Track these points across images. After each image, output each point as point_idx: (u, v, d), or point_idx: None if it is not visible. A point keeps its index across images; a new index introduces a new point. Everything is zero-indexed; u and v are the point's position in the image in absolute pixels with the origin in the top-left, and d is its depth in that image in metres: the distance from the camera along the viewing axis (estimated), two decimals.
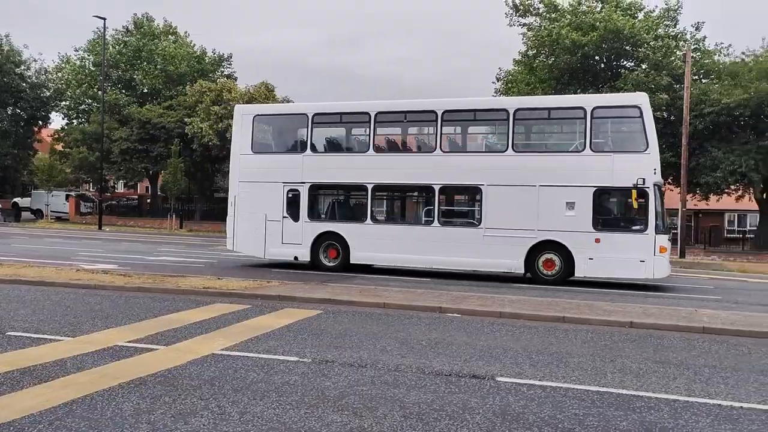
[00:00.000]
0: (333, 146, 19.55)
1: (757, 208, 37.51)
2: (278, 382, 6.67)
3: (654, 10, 37.20)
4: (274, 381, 6.70)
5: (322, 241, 18.22)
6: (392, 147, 19.15)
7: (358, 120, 18.83)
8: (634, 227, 15.83)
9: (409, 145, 19.87)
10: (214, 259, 21.58)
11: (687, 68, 29.16)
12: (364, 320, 10.46)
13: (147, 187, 59.06)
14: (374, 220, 18.03)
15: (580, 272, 16.12)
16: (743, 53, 35.33)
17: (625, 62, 36.69)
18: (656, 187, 15.59)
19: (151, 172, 50.02)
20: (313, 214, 18.50)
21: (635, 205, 15.43)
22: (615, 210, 16.77)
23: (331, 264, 18.13)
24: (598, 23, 34.25)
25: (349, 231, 18.04)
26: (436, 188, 17.25)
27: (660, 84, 32.51)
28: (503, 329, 9.94)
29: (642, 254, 15.48)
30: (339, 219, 18.53)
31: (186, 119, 43.47)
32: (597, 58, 36.55)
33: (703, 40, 36.91)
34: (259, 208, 18.49)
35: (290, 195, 18.47)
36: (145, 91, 52.18)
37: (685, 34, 36.75)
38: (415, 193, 18.68)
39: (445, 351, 8.32)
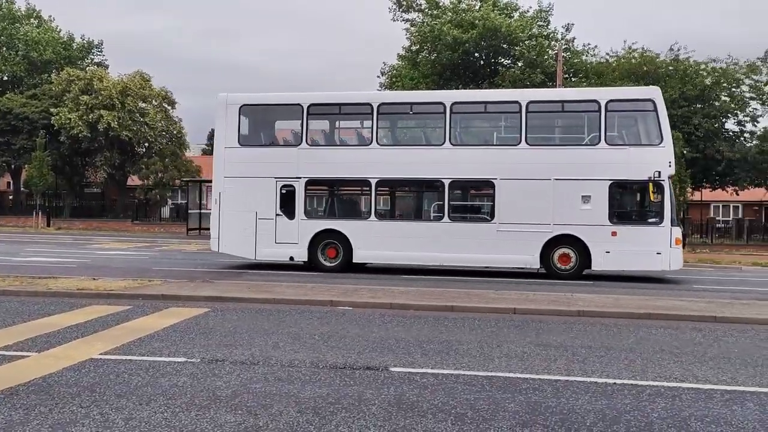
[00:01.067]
0: (332, 139, 18.64)
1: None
2: (165, 384, 6.37)
3: (528, 11, 39.08)
4: (161, 384, 6.39)
5: (320, 240, 17.20)
6: (397, 140, 18.48)
7: (359, 111, 17.93)
8: (650, 220, 15.99)
9: (415, 138, 19.20)
10: (87, 259, 20.30)
11: (559, 67, 30.83)
12: (254, 317, 10.23)
13: (9, 183, 54.65)
14: (379, 216, 17.27)
15: (597, 266, 16.07)
16: (607, 54, 37.90)
17: (502, 60, 38.26)
18: (670, 180, 15.90)
19: (13, 166, 46.38)
20: (311, 211, 17.63)
21: (652, 198, 15.56)
22: (631, 203, 16.91)
23: (331, 264, 17.19)
24: (477, 21, 35.45)
25: (352, 229, 17.12)
26: (446, 182, 16.65)
27: (535, 81, 34.17)
28: (395, 320, 10.07)
29: (659, 246, 15.63)
30: (339, 216, 17.66)
31: (52, 109, 40.64)
32: (477, 54, 37.83)
33: (573, 41, 39.20)
34: (249, 205, 17.21)
35: (284, 191, 17.32)
36: (5, 78, 48.29)
37: (557, 33, 38.87)
38: (423, 188, 17.83)
39: (338, 344, 8.31)
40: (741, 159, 32.92)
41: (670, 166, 15.73)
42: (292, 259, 17.32)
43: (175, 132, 43.22)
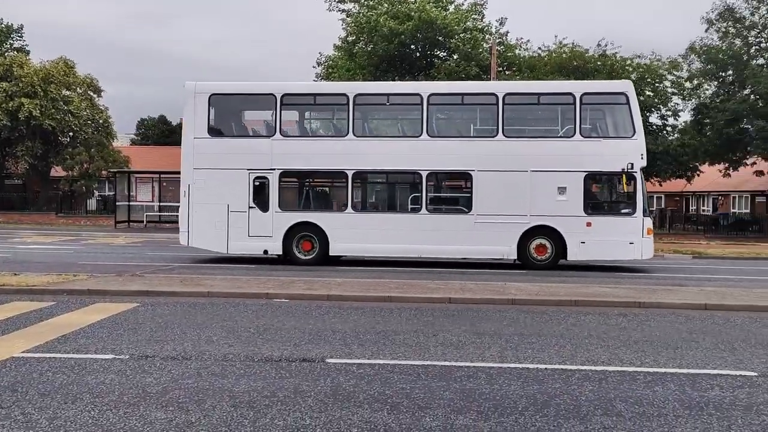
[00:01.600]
0: (306, 130, 18.10)
1: None
2: (92, 382, 6.15)
3: (463, 3, 39.48)
4: (88, 382, 6.16)
5: (295, 232, 16.80)
6: (374, 131, 18.10)
7: (335, 102, 17.57)
8: (623, 211, 16.29)
9: (392, 129, 18.83)
10: (8, 253, 19.36)
11: (493, 60, 31.34)
12: (186, 311, 10.00)
13: None
14: (356, 208, 16.99)
15: (572, 256, 16.28)
16: (539, 48, 38.74)
17: (438, 52, 38.55)
18: (642, 171, 16.20)
19: None
20: (285, 204, 17.09)
21: (625, 189, 15.86)
22: (605, 194, 17.14)
23: (307, 257, 16.79)
24: (413, 13, 35.56)
25: (328, 221, 16.81)
26: (424, 174, 16.57)
27: (470, 74, 34.59)
28: (331, 312, 10.04)
29: (631, 236, 15.97)
30: (315, 208, 17.33)
31: None
32: (413, 47, 37.97)
33: (506, 35, 39.86)
34: (220, 197, 16.65)
35: (257, 183, 16.83)
36: None
37: (491, 27, 39.46)
38: (400, 180, 17.64)
39: (274, 337, 8.22)
40: (663, 152, 34.31)
41: (642, 158, 16.10)
42: (266, 252, 16.99)
43: (101, 121, 41.54)
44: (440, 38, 37.03)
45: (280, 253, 16.98)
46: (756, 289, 12.91)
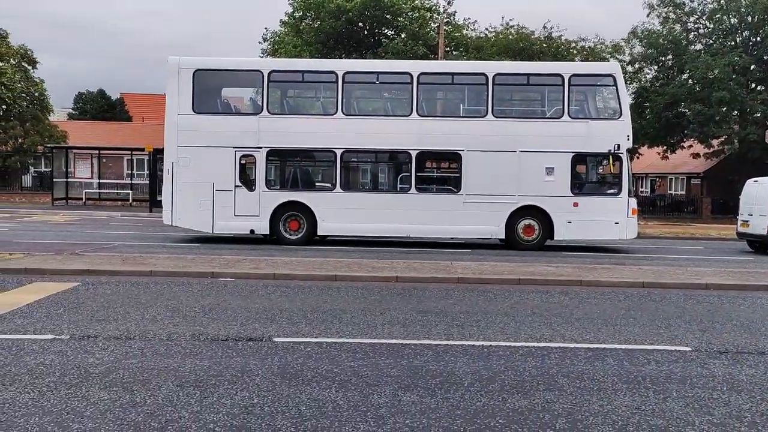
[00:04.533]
0: (294, 107, 17.72)
1: None
2: (31, 363, 5.96)
3: None
4: (27, 363, 5.98)
5: (283, 212, 16.52)
6: (363, 109, 17.83)
7: (323, 80, 17.22)
8: (609, 191, 16.57)
9: (382, 108, 18.55)
10: None
11: (440, 40, 31.38)
12: (129, 290, 9.77)
13: None
14: (344, 188, 16.70)
15: (559, 236, 16.42)
16: (486, 29, 39.05)
17: (386, 30, 38.39)
18: (628, 153, 16.40)
19: None
20: (272, 183, 16.81)
21: (612, 170, 16.01)
22: (591, 175, 17.23)
23: (294, 237, 16.54)
24: None
25: (316, 200, 16.56)
26: (413, 154, 16.49)
27: (417, 54, 34.62)
28: (278, 291, 9.98)
29: (617, 216, 16.26)
30: (303, 188, 17.01)
31: None
32: (361, 24, 37.72)
33: (454, 15, 40.00)
34: (205, 176, 16.22)
35: (244, 161, 16.48)
36: None
37: (438, 7, 39.48)
38: (390, 159, 17.49)
39: (220, 316, 8.12)
40: None
41: (628, 139, 16.42)
42: (252, 232, 16.73)
43: (36, 94, 39.81)
44: (388, 16, 36.90)
45: (267, 232, 16.79)
46: (690, 268, 13.48)
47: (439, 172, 17.84)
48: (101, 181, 35.76)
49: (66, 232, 19.42)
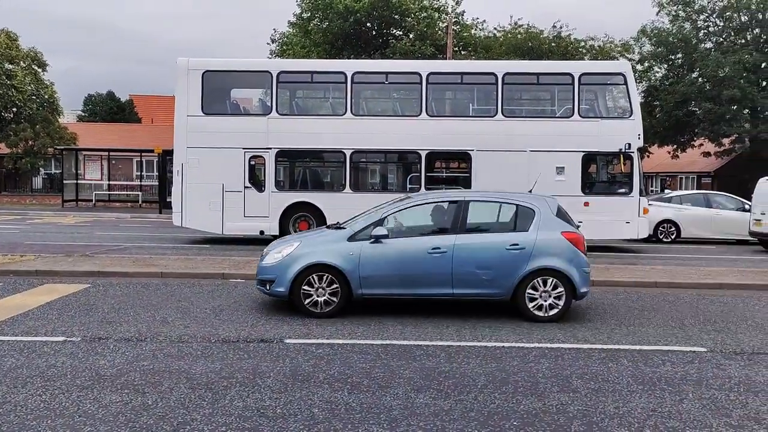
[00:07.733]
0: (303, 108, 17.66)
1: None
2: (43, 365, 5.96)
3: None
4: (38, 365, 5.97)
5: (292, 213, 16.47)
6: (373, 110, 17.82)
7: (332, 80, 17.13)
8: (620, 191, 16.45)
9: (391, 108, 18.52)
10: None
11: (448, 40, 31.31)
12: (140, 292, 9.77)
13: None
14: (354, 188, 16.63)
15: None
16: (495, 29, 38.91)
17: (394, 30, 38.33)
18: (639, 151, 16.31)
19: None
20: (282, 184, 16.78)
21: (623, 169, 15.89)
22: (602, 174, 17.08)
23: None
24: None
25: (325, 201, 16.46)
26: (423, 154, 16.43)
27: (425, 54, 34.55)
28: None
29: (628, 216, 16.17)
30: (312, 188, 16.99)
31: None
32: (369, 25, 37.67)
33: (462, 15, 39.87)
34: (215, 177, 16.21)
35: (253, 162, 16.47)
36: None
37: (447, 6, 39.37)
38: (399, 159, 17.39)
39: (230, 318, 8.10)
40: None
41: (639, 138, 16.30)
42: (262, 233, 16.61)
43: (46, 96, 40.00)
44: (396, 16, 36.83)
45: (277, 233, 16.60)
46: (703, 267, 13.35)
47: (449, 172, 17.75)
48: (111, 182, 35.90)
49: (76, 233, 19.48)
